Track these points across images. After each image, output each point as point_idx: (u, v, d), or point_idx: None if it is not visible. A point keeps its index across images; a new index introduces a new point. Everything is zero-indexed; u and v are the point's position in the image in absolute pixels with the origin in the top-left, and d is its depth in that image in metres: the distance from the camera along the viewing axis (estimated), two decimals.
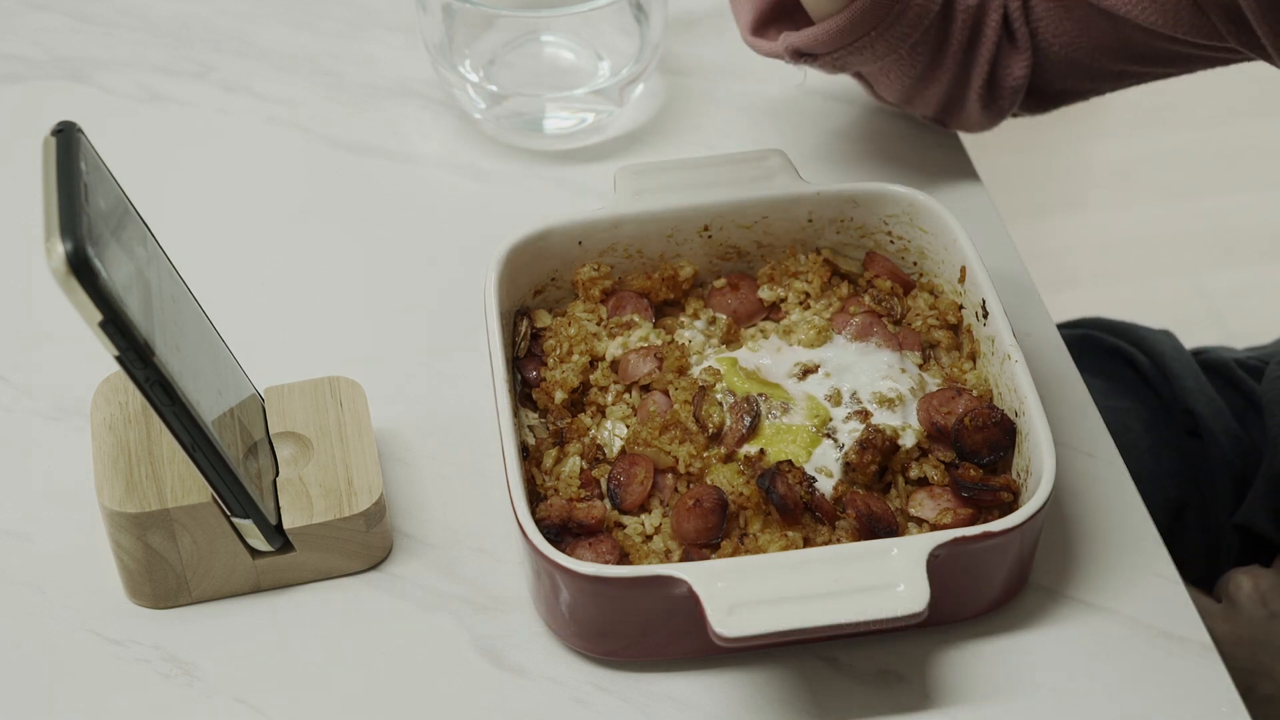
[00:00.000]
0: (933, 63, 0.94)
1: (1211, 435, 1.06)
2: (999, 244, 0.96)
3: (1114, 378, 1.10)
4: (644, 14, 1.02)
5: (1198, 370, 1.09)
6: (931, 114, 0.99)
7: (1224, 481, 1.05)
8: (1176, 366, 1.09)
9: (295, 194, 1.02)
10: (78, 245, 0.63)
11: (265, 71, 1.09)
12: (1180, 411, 1.07)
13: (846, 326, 0.84)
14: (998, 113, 0.98)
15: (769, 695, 0.76)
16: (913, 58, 0.93)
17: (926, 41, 0.93)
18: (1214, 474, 1.05)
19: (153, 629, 0.79)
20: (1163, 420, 1.08)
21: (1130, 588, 0.80)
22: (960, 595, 0.77)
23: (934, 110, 0.99)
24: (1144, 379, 1.10)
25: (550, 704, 0.76)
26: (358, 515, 0.78)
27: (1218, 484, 1.05)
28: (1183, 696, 0.76)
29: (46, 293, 0.73)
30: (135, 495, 0.76)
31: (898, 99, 0.98)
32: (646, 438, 0.79)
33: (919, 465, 0.79)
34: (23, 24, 1.13)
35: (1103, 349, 1.13)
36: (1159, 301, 2.06)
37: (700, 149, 1.04)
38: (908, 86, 0.96)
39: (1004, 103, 0.97)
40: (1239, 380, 1.09)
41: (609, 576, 0.72)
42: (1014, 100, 0.97)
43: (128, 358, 0.67)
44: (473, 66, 1.04)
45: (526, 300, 0.88)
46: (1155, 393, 1.09)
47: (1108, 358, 1.12)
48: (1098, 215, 2.22)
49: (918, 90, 0.96)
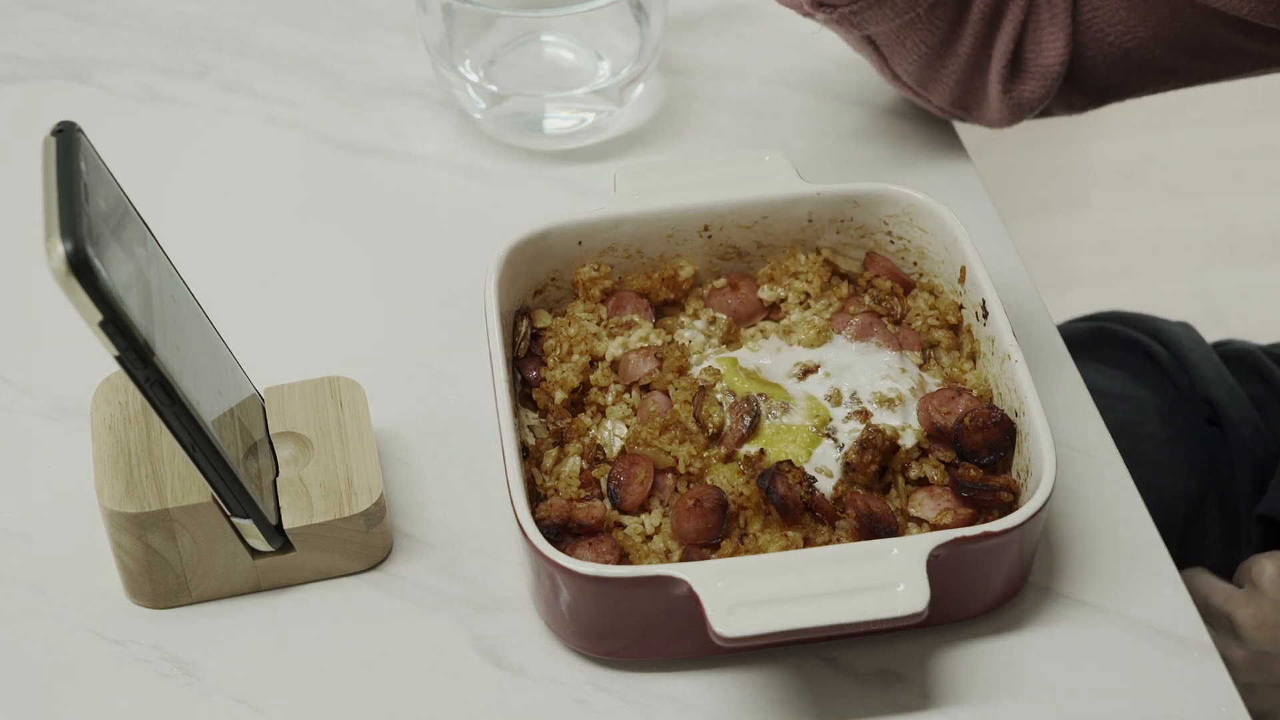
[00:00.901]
0: (953, 30, 0.92)
1: (1231, 424, 1.05)
2: (999, 244, 0.96)
3: (1131, 369, 1.10)
4: (644, 14, 1.02)
5: (1217, 360, 1.09)
6: (948, 101, 0.97)
7: (1245, 471, 1.05)
8: (1195, 356, 1.09)
9: (295, 194, 1.02)
10: (78, 245, 0.63)
11: (265, 71, 1.09)
12: (1199, 401, 1.07)
13: (846, 326, 0.84)
14: (1020, 103, 0.95)
15: (769, 695, 0.76)
16: (931, 20, 0.91)
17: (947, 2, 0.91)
18: (1234, 464, 1.05)
19: (153, 629, 0.79)
20: (1181, 411, 1.07)
21: (1130, 588, 0.80)
22: (960, 595, 0.77)
23: (950, 94, 0.96)
24: (1161, 370, 1.10)
25: (550, 704, 0.76)
26: (358, 515, 0.78)
27: (1238, 474, 1.05)
28: (1183, 696, 0.76)
29: (46, 293, 0.73)
30: (135, 495, 0.76)
31: (913, 77, 0.95)
32: (646, 438, 0.79)
33: (919, 465, 0.79)
34: (23, 24, 1.13)
35: (1119, 341, 1.13)
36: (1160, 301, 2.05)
37: (700, 149, 1.04)
38: (924, 57, 0.93)
39: (1028, 89, 0.94)
40: (1264, 369, 1.09)
41: (609, 576, 0.72)
42: (1040, 88, 0.94)
43: (128, 358, 0.67)
44: (473, 66, 1.04)
45: (526, 300, 0.88)
46: (1173, 383, 1.09)
47: (1124, 349, 1.12)
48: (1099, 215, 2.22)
49: (935, 64, 0.94)
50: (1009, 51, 0.92)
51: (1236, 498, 1.05)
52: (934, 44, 0.92)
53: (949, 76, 0.95)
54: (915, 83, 0.96)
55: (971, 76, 0.94)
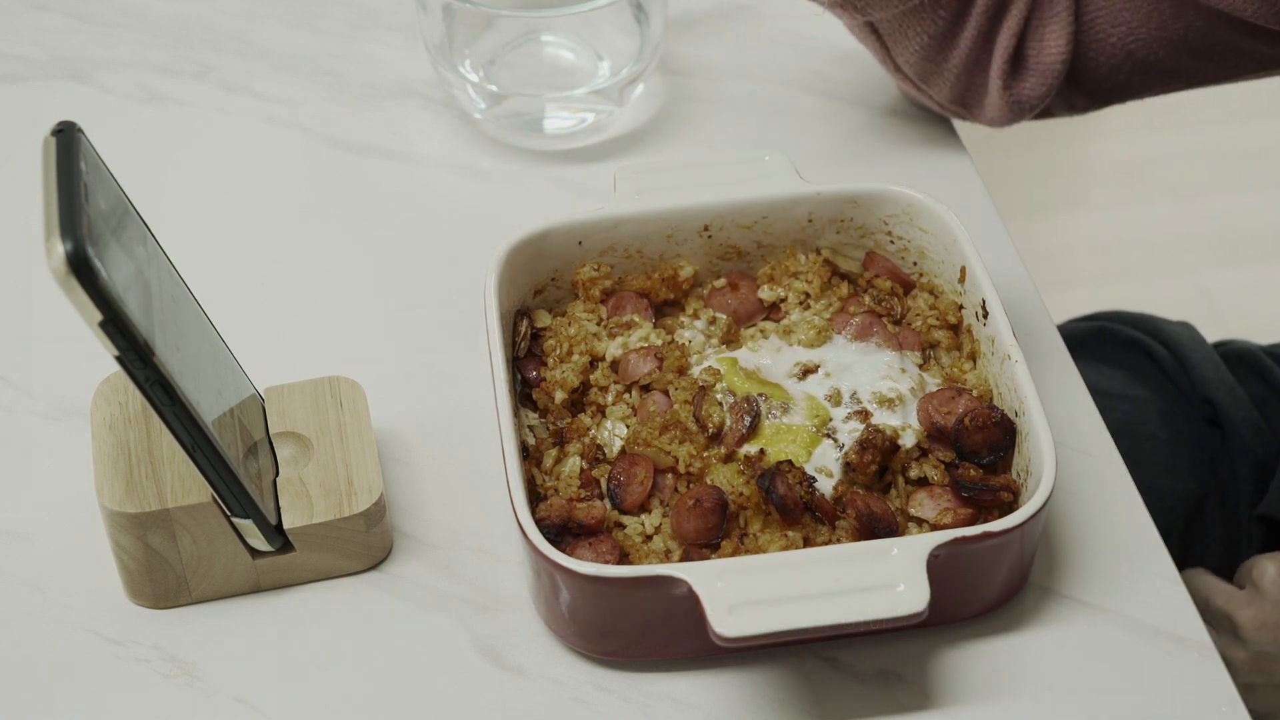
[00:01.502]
0: (955, 22, 0.92)
1: (1232, 424, 1.05)
2: (999, 244, 0.96)
3: (1131, 369, 1.10)
4: (644, 14, 1.02)
5: (1218, 360, 1.09)
6: (948, 96, 0.97)
7: (1245, 471, 1.05)
8: (1195, 356, 1.09)
9: (295, 194, 1.02)
10: (78, 245, 0.63)
11: (265, 71, 1.09)
12: (1199, 401, 1.07)
13: (846, 326, 0.84)
14: (1020, 101, 0.95)
15: (769, 695, 0.76)
16: (934, 10, 0.91)
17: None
18: (1235, 464, 1.05)
19: (153, 629, 0.79)
20: (1181, 411, 1.07)
21: (1130, 588, 0.80)
22: (960, 595, 0.77)
23: (951, 90, 0.96)
24: (1162, 370, 1.10)
25: (550, 704, 0.76)
26: (358, 515, 0.78)
27: (1239, 474, 1.05)
28: (1183, 696, 0.76)
29: (46, 293, 0.73)
30: (135, 495, 0.76)
31: (915, 69, 0.96)
32: (646, 438, 0.79)
33: (919, 465, 0.79)
34: (23, 24, 1.13)
35: (1119, 341, 1.13)
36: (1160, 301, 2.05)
37: (700, 149, 1.04)
38: (926, 48, 0.93)
39: (1028, 87, 0.95)
40: (1265, 369, 1.09)
41: (609, 576, 0.72)
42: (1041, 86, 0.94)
43: (128, 358, 0.67)
44: (473, 66, 1.04)
45: (526, 300, 0.88)
46: (1173, 383, 1.09)
47: (1125, 349, 1.12)
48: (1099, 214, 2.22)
49: (936, 56, 0.94)
50: (1010, 47, 0.92)
51: (1237, 498, 1.05)
52: (936, 34, 0.92)
53: (950, 70, 0.95)
54: (916, 75, 0.96)
55: (973, 71, 0.94)
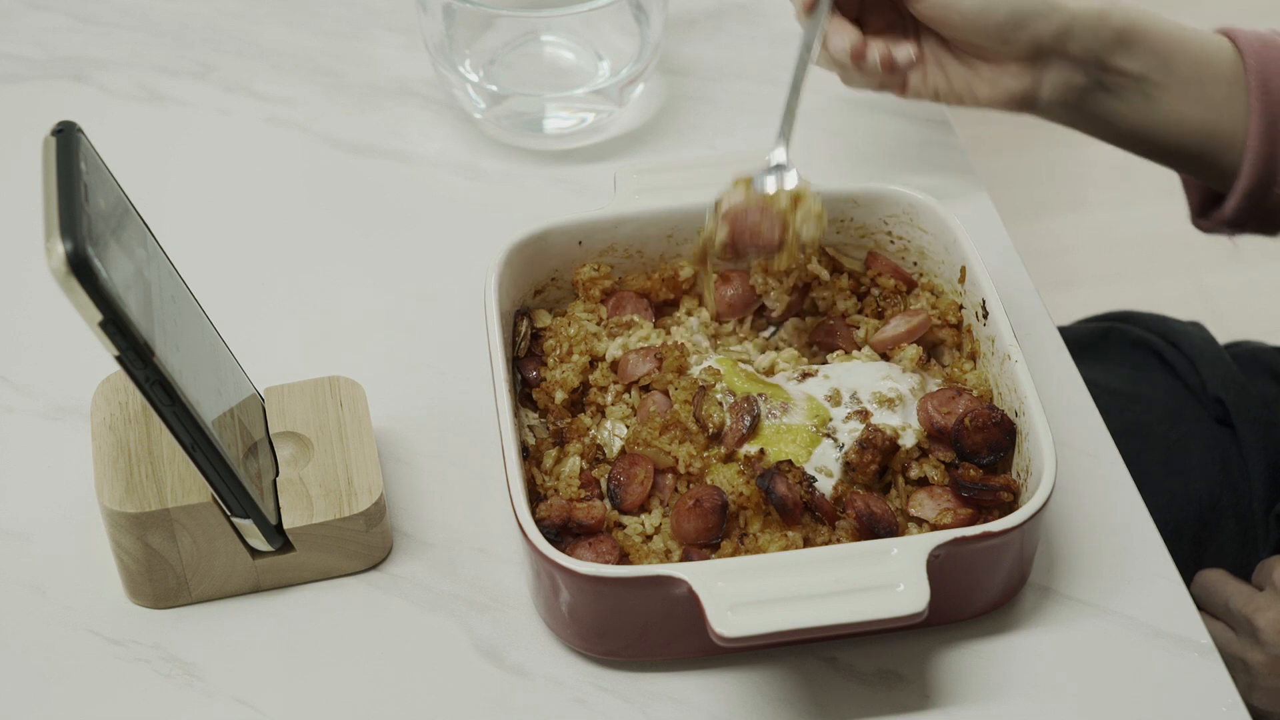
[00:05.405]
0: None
1: (1243, 424, 1.05)
2: (999, 244, 0.96)
3: (1141, 369, 1.10)
4: (644, 14, 1.02)
5: (1228, 359, 1.09)
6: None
7: (1258, 471, 1.05)
8: (1206, 356, 1.08)
9: (295, 194, 1.02)
10: (78, 245, 0.63)
11: (265, 71, 1.09)
12: (1210, 401, 1.07)
13: None
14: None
15: (769, 695, 0.76)
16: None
17: None
18: (1248, 464, 1.05)
19: (153, 629, 0.79)
20: (1191, 411, 1.07)
21: (1130, 588, 0.80)
22: (960, 595, 0.77)
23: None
24: (1171, 369, 1.10)
25: (550, 704, 0.76)
26: (358, 515, 0.78)
27: (1252, 474, 1.05)
28: (1183, 696, 0.76)
29: (46, 293, 0.73)
30: (135, 495, 0.76)
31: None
32: (646, 438, 0.79)
33: (919, 465, 0.79)
34: (23, 24, 1.13)
35: (1129, 341, 1.12)
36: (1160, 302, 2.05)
37: (700, 149, 1.04)
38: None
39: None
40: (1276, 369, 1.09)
41: (609, 576, 0.72)
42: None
43: (128, 358, 0.67)
44: (473, 66, 1.04)
45: (526, 300, 0.88)
46: (1183, 383, 1.09)
47: (1134, 349, 1.12)
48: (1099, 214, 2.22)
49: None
50: None
51: (1250, 498, 1.05)
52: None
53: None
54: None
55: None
